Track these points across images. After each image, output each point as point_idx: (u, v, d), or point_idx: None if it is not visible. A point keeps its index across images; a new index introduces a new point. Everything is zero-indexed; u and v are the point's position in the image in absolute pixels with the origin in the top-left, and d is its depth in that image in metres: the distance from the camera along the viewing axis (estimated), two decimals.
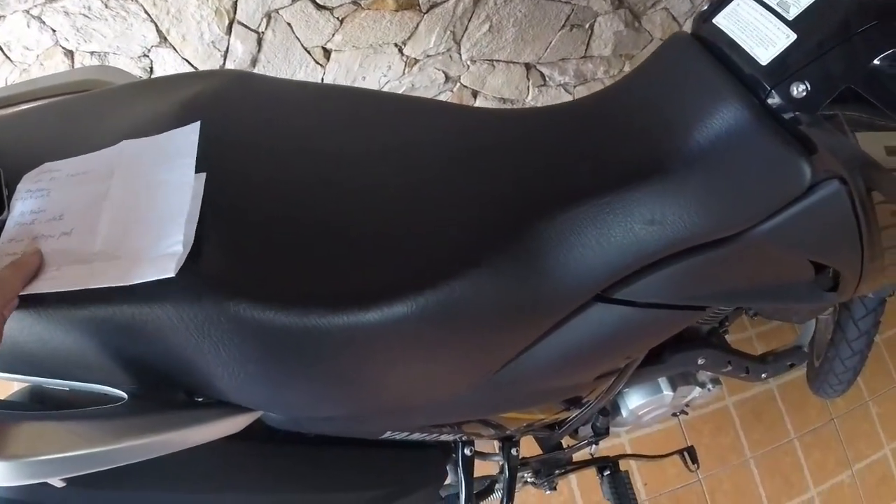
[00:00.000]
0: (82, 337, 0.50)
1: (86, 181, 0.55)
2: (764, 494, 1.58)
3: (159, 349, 0.52)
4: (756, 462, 1.61)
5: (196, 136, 0.56)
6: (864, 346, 1.31)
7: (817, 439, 1.65)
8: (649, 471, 1.57)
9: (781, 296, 0.78)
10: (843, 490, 1.61)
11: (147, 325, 0.50)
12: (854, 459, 1.64)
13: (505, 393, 0.73)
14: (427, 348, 0.60)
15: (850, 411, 1.69)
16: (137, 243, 0.50)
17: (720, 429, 1.63)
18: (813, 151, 0.60)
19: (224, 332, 0.50)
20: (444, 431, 0.81)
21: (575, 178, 0.65)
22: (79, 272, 0.49)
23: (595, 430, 1.10)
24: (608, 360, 0.78)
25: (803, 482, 1.61)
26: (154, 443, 0.53)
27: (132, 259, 0.49)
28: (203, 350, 0.52)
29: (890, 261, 0.76)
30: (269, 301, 0.51)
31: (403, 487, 0.84)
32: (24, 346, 0.51)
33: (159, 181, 0.54)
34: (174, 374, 0.55)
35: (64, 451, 0.47)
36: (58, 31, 1.19)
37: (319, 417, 0.67)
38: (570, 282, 0.64)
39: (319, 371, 0.57)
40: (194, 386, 0.57)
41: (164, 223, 0.51)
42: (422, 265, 0.57)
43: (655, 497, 1.55)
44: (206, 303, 0.49)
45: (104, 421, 0.52)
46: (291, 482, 0.72)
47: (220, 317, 0.50)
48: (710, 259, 0.67)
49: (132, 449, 0.51)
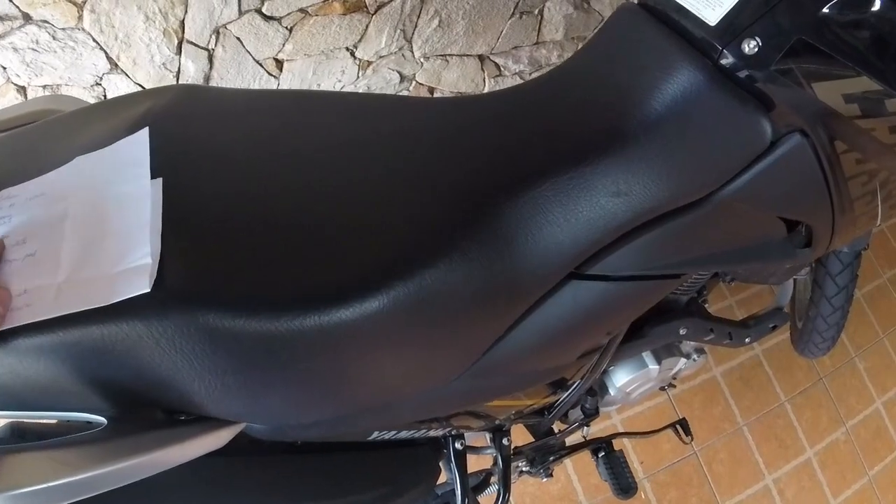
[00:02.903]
0: (53, 364, 0.49)
1: (45, 202, 0.54)
2: (761, 460, 1.59)
3: (133, 369, 0.50)
4: (749, 428, 1.62)
5: (146, 142, 0.56)
6: (845, 301, 1.33)
7: (808, 400, 1.66)
8: (644, 449, 1.57)
9: (756, 256, 0.78)
10: (839, 447, 1.63)
11: (117, 344, 0.48)
12: (846, 416, 1.66)
13: (488, 380, 0.73)
14: (403, 341, 0.59)
15: (837, 369, 1.70)
16: (105, 261, 0.50)
17: (710, 399, 1.63)
18: (771, 107, 0.60)
19: (196, 344, 0.49)
20: (432, 427, 0.80)
21: (535, 157, 0.65)
22: (50, 299, 0.48)
23: (585, 411, 1.10)
24: (589, 337, 0.78)
25: (799, 444, 1.62)
26: (138, 465, 0.51)
27: (103, 278, 0.49)
28: (177, 365, 0.50)
29: (860, 211, 0.77)
30: (237, 308, 0.50)
31: (396, 488, 0.83)
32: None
33: (116, 193, 0.53)
34: (151, 393, 0.53)
35: (47, 481, 0.46)
36: (8, 67, 1.17)
37: (304, 424, 0.66)
38: (542, 262, 0.64)
39: (297, 374, 0.56)
40: (173, 403, 0.56)
41: (128, 236, 0.50)
42: (389, 258, 0.56)
43: (653, 474, 1.55)
44: (175, 316, 0.48)
45: (85, 447, 0.50)
46: (281, 494, 0.71)
47: (189, 329, 0.49)
48: (680, 225, 0.67)
49: (116, 472, 0.50)
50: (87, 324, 0.48)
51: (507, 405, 0.84)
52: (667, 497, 1.53)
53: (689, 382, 1.63)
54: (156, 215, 0.51)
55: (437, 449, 0.91)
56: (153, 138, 0.57)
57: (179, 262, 0.50)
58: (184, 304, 0.49)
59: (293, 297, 0.52)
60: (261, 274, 0.52)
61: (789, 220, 0.74)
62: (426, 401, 0.71)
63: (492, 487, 1.10)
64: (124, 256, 0.49)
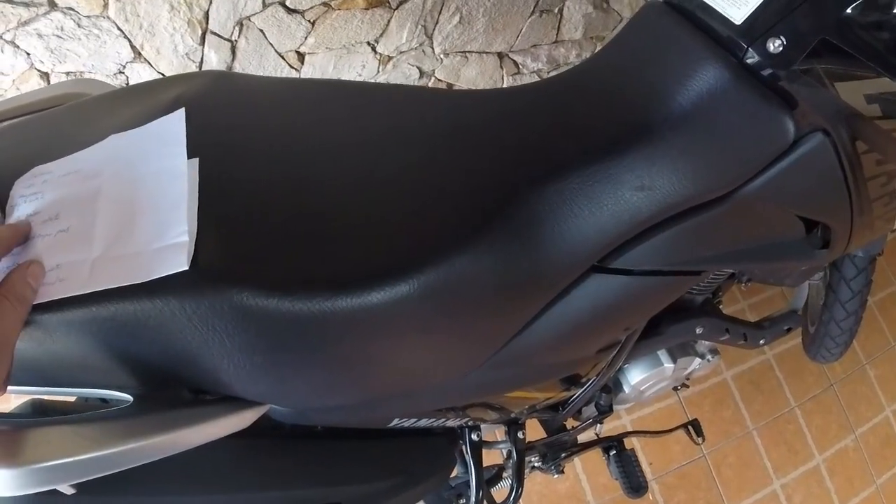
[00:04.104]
0: (84, 339, 0.49)
1: (78, 179, 0.54)
2: (770, 465, 1.59)
3: (163, 346, 0.51)
4: (759, 433, 1.61)
5: (182, 122, 0.56)
6: (858, 306, 1.32)
7: (818, 406, 1.66)
8: (653, 450, 1.57)
9: (774, 256, 0.78)
10: (847, 454, 1.63)
11: (150, 320, 0.49)
12: (856, 423, 1.65)
13: (508, 371, 0.73)
14: (430, 328, 0.60)
15: (848, 376, 1.70)
16: (141, 237, 0.50)
17: (720, 402, 1.63)
18: (794, 106, 0.61)
19: (228, 323, 0.50)
20: (449, 417, 0.81)
21: (561, 150, 0.66)
22: (84, 274, 0.48)
23: (599, 408, 1.10)
24: (608, 331, 0.78)
25: (807, 449, 1.61)
26: (162, 442, 0.52)
27: (138, 255, 0.49)
28: (208, 343, 0.51)
29: (878, 213, 0.77)
30: (271, 288, 0.50)
31: (412, 477, 0.83)
32: (24, 354, 0.50)
33: (152, 171, 0.53)
34: (179, 371, 0.54)
35: (72, 456, 0.46)
36: (32, 53, 1.19)
37: (327, 408, 0.67)
38: (566, 254, 0.64)
39: (325, 356, 0.57)
40: (200, 382, 0.56)
41: (164, 214, 0.50)
42: (419, 245, 0.57)
43: (662, 476, 1.55)
44: (209, 294, 0.49)
45: (111, 423, 0.51)
46: (301, 477, 0.71)
47: (223, 307, 0.49)
48: (702, 221, 0.67)
49: (141, 449, 0.50)
50: (121, 300, 0.48)
51: (524, 397, 0.85)
52: (675, 499, 1.53)
53: (699, 385, 1.63)
54: (192, 194, 0.51)
55: (453, 440, 0.92)
56: (187, 121, 0.57)
57: (215, 241, 0.51)
58: (219, 282, 0.49)
59: (326, 279, 0.53)
60: (294, 256, 0.53)
61: (808, 221, 0.74)
62: (447, 389, 0.72)
63: (504, 482, 1.11)
64: (160, 234, 0.49)
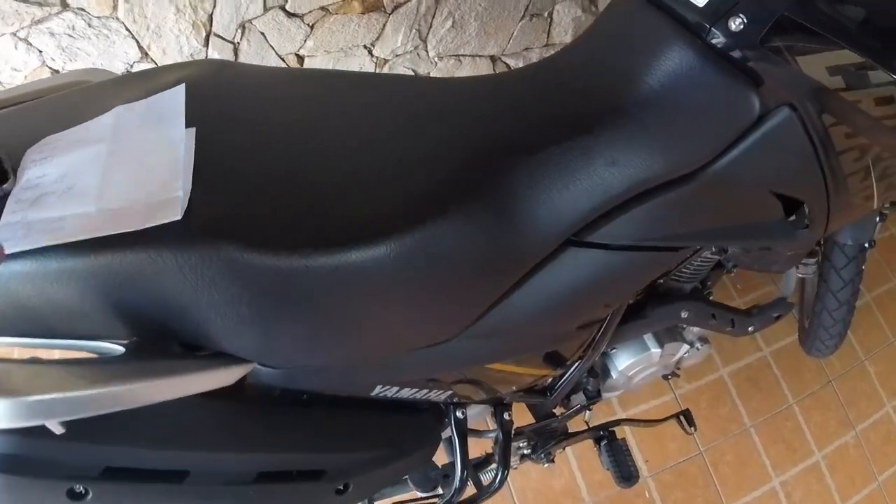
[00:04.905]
0: (83, 287, 0.53)
1: (85, 144, 0.58)
2: (768, 462, 1.58)
3: (156, 297, 0.55)
4: (757, 430, 1.61)
5: (182, 96, 0.61)
6: (850, 295, 1.34)
7: (816, 402, 1.66)
8: (649, 448, 1.57)
9: (753, 235, 0.81)
10: (848, 451, 1.62)
11: (144, 269, 0.53)
12: (856, 420, 1.65)
13: (488, 342, 0.76)
14: (407, 291, 0.63)
15: (846, 372, 1.70)
16: (139, 193, 0.54)
17: (717, 399, 1.64)
18: (759, 82, 0.64)
19: (217, 273, 0.54)
20: (434, 390, 0.83)
21: (537, 129, 0.69)
22: (85, 224, 0.52)
23: (587, 394, 1.12)
24: (587, 306, 0.81)
25: (807, 446, 1.61)
26: (149, 388, 0.55)
27: (136, 207, 0.53)
28: (198, 294, 0.55)
29: (855, 189, 0.79)
30: (258, 243, 0.55)
31: (397, 451, 0.86)
32: (27, 303, 0.53)
33: (152, 138, 0.58)
34: (170, 324, 0.57)
35: (63, 391, 0.49)
36: (44, 51, 1.24)
37: (311, 370, 0.69)
38: (542, 226, 0.68)
39: (307, 311, 0.60)
40: (190, 336, 0.60)
41: (162, 173, 0.55)
42: (400, 211, 0.61)
43: (658, 473, 1.55)
44: (200, 246, 0.53)
45: (102, 367, 0.55)
46: (285, 442, 0.74)
47: (213, 258, 0.53)
48: (675, 197, 0.70)
49: (129, 393, 0.53)
50: (119, 249, 0.52)
51: (508, 373, 0.86)
52: (671, 497, 1.53)
53: (695, 382, 1.64)
54: (188, 158, 0.56)
55: (439, 419, 0.94)
56: (187, 98, 0.62)
57: (208, 198, 0.55)
58: (209, 234, 0.53)
59: (310, 237, 0.57)
60: (282, 215, 0.57)
61: (786, 202, 0.76)
62: (428, 358, 0.74)
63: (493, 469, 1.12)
64: (157, 190, 0.54)
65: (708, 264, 1.05)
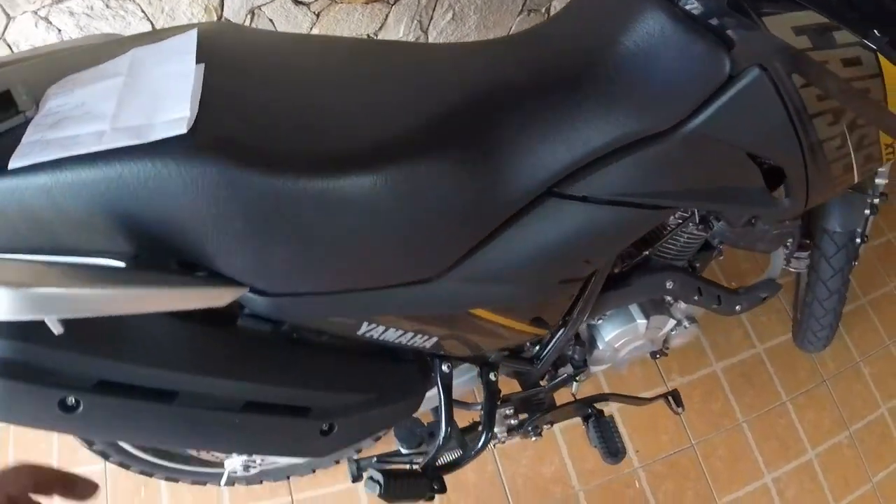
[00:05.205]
0: (91, 198, 0.57)
1: (103, 79, 0.64)
2: (761, 458, 1.58)
3: (158, 211, 0.59)
4: (749, 426, 1.61)
5: (194, 37, 0.67)
6: (840, 284, 1.35)
7: (810, 401, 1.65)
8: (641, 438, 1.58)
9: (733, 198, 0.83)
10: (842, 451, 1.61)
11: (149, 181, 0.57)
12: (850, 420, 1.64)
13: (471, 287, 0.79)
14: (391, 223, 0.67)
15: (840, 372, 1.70)
16: (149, 113, 0.59)
17: (710, 394, 1.64)
18: (729, 42, 0.68)
19: (216, 188, 0.58)
20: (420, 334, 0.85)
21: (521, 84, 0.75)
22: (97, 139, 0.57)
23: (573, 363, 1.14)
24: (568, 259, 0.83)
25: (800, 444, 1.60)
26: (147, 296, 0.59)
27: (145, 124, 0.58)
28: (198, 207, 0.59)
29: (832, 157, 0.81)
30: (256, 162, 0.59)
31: (381, 397, 0.88)
32: (40, 216, 0.57)
33: (165, 72, 0.64)
34: (170, 240, 0.61)
35: (66, 288, 0.53)
36: (63, 30, 1.30)
37: (300, 301, 0.72)
38: (523, 174, 0.72)
39: (297, 233, 0.64)
40: (188, 253, 0.64)
41: (171, 99, 0.60)
42: (388, 147, 0.65)
43: (649, 464, 1.55)
44: (203, 159, 0.57)
45: (104, 272, 0.59)
46: (273, 375, 0.77)
47: (214, 173, 0.57)
48: (653, 154, 0.73)
49: (127, 298, 0.57)
50: (126, 160, 0.56)
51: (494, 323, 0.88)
52: (662, 488, 1.53)
53: (688, 375, 1.64)
54: (196, 87, 0.62)
55: (426, 373, 0.96)
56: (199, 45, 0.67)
57: (213, 121, 0.60)
58: (212, 150, 0.58)
59: (305, 160, 0.62)
60: (280, 141, 0.63)
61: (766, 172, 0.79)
62: (413, 296, 0.77)
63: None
64: (167, 111, 0.59)
65: (695, 242, 1.07)
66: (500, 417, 1.15)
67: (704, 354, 1.70)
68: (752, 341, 1.72)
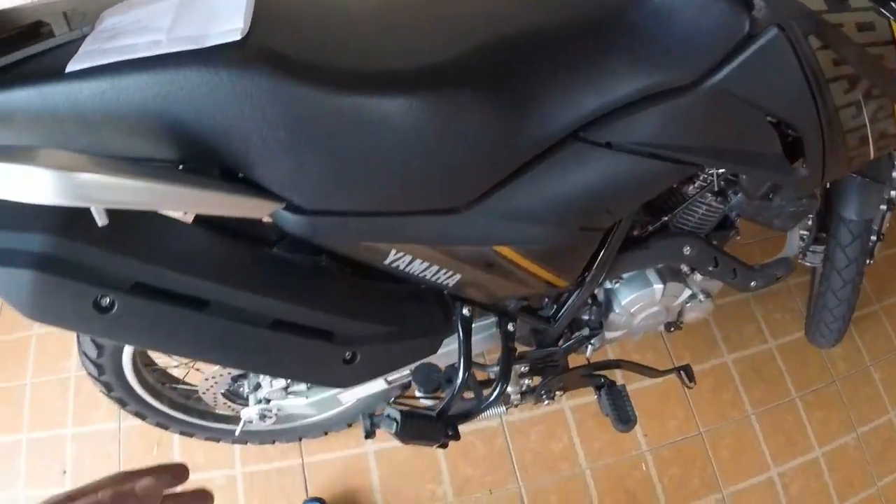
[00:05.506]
0: (144, 101, 0.61)
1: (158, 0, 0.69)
2: (767, 452, 1.59)
3: (207, 117, 0.63)
4: (758, 418, 1.62)
5: None
6: (855, 275, 1.37)
7: (819, 399, 1.66)
8: (649, 423, 1.59)
9: (751, 161, 0.87)
10: (848, 452, 1.61)
11: (202, 86, 0.61)
12: (858, 422, 1.65)
13: (495, 223, 0.83)
14: (424, 144, 0.72)
15: (850, 374, 1.71)
16: (204, 25, 0.63)
17: (720, 385, 1.65)
18: (750, 4, 0.72)
19: (263, 94, 0.62)
20: (445, 268, 0.88)
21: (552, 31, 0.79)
22: (153, 47, 0.61)
23: (589, 325, 1.16)
24: (589, 206, 0.87)
25: (807, 441, 1.61)
26: (190, 195, 0.62)
27: (201, 34, 0.62)
28: (244, 114, 0.63)
29: (848, 127, 0.84)
30: (303, 75, 0.64)
31: (403, 332, 0.91)
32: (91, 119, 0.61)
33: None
34: (215, 146, 0.65)
35: (111, 176, 0.55)
36: None
37: (333, 219, 0.76)
38: (549, 115, 0.77)
39: (335, 145, 0.68)
40: (231, 161, 0.68)
41: (226, 13, 0.65)
42: (428, 73, 0.70)
43: (656, 448, 1.57)
44: (253, 69, 0.62)
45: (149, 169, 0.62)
46: (301, 296, 0.80)
47: (261, 81, 0.62)
48: (675, 106, 0.77)
49: (171, 194, 0.60)
50: (181, 64, 0.60)
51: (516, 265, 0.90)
52: (668, 473, 1.54)
53: (699, 364, 1.66)
54: (249, 5, 0.66)
55: (447, 315, 0.99)
56: None
57: (264, 34, 0.64)
58: (262, 61, 0.62)
59: (350, 76, 0.66)
60: (326, 58, 0.67)
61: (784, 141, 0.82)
62: (439, 224, 0.81)
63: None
64: (221, 23, 0.63)
65: (713, 215, 1.10)
66: (515, 376, 1.18)
67: (716, 345, 1.72)
68: (764, 336, 1.74)
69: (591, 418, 1.58)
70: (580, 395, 1.62)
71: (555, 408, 1.61)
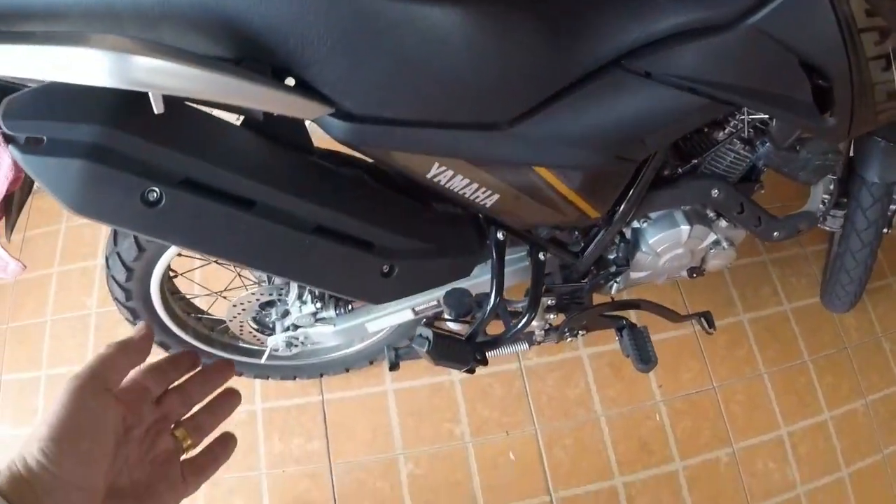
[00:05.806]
0: None
1: None
2: (778, 410, 1.62)
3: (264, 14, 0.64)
4: (770, 377, 1.65)
5: None
6: (874, 237, 1.40)
7: (830, 364, 1.69)
8: (665, 374, 1.63)
9: (782, 104, 0.89)
10: (857, 418, 1.64)
11: None
12: (867, 390, 1.67)
13: (535, 143, 0.86)
14: (473, 56, 0.74)
15: (862, 343, 1.73)
16: None
17: (735, 342, 1.69)
18: None
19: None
20: (483, 187, 0.91)
21: None
22: None
23: (616, 262, 1.20)
24: (626, 134, 0.90)
25: (817, 403, 1.64)
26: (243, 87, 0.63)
27: None
28: (303, 13, 0.65)
29: (877, 79, 0.86)
30: None
31: (440, 249, 0.94)
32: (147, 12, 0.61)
33: None
34: (270, 46, 0.67)
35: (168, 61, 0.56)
36: None
37: (380, 128, 0.79)
38: (595, 41, 0.80)
39: (388, 51, 0.71)
40: (284, 60, 0.69)
41: None
42: None
43: (670, 399, 1.61)
44: None
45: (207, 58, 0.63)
46: (344, 204, 0.82)
47: None
48: (713, 44, 0.80)
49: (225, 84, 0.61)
50: None
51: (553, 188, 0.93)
52: (681, 425, 1.58)
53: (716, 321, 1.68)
54: None
55: (482, 238, 1.02)
56: None
57: None
58: None
59: None
60: None
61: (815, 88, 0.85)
62: (482, 141, 0.84)
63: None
64: None
65: (741, 163, 1.13)
66: (541, 311, 1.21)
67: (733, 304, 1.75)
68: (779, 298, 1.77)
69: (608, 366, 1.62)
70: (598, 343, 1.65)
71: (572, 354, 1.65)
